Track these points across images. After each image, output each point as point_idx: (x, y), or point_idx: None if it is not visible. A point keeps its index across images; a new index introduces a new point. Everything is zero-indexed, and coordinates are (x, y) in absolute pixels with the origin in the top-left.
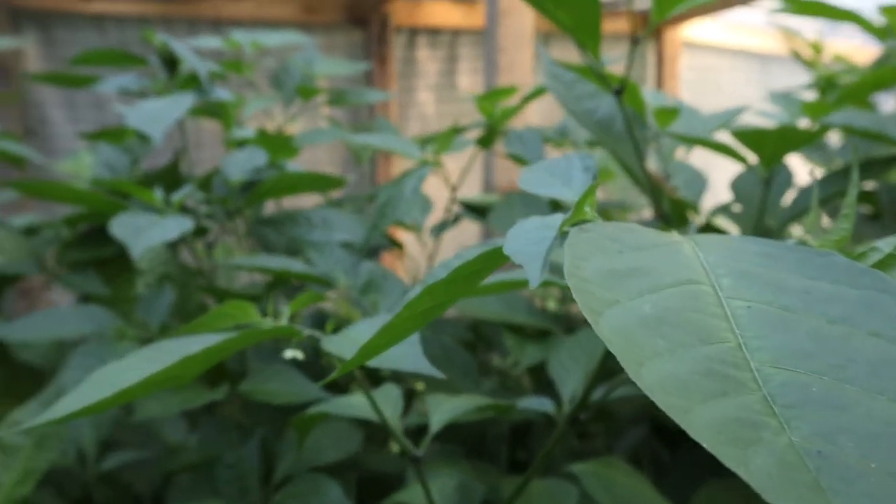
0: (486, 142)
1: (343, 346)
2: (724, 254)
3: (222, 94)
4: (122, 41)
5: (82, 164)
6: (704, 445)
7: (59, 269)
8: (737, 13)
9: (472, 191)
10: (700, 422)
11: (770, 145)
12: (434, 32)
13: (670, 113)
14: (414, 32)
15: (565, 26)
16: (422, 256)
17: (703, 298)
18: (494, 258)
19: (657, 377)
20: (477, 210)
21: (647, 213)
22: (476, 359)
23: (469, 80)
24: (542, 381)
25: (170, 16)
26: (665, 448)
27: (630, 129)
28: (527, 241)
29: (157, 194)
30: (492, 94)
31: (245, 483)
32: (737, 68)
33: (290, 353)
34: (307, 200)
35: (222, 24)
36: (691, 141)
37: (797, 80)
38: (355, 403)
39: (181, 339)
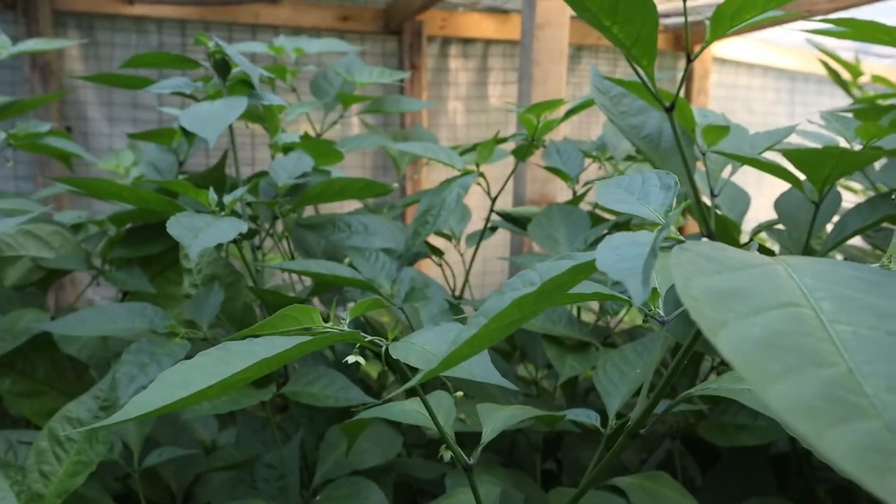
0: (522, 153)
1: (409, 353)
2: (819, 277)
3: (273, 98)
4: (161, 44)
5: (122, 162)
6: (846, 470)
7: (104, 266)
8: (767, 31)
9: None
10: (836, 447)
11: (826, 167)
12: (466, 43)
13: (720, 131)
14: (446, 42)
15: (620, 43)
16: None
17: (807, 322)
18: (582, 272)
19: (784, 401)
20: (514, 221)
21: (687, 229)
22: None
23: (499, 91)
24: (576, 392)
25: (208, 20)
26: (696, 464)
27: (680, 146)
28: (618, 256)
29: (211, 196)
30: (536, 107)
31: (285, 483)
32: (767, 87)
33: (352, 358)
34: (341, 206)
35: (259, 29)
36: (741, 160)
37: (826, 100)
38: (408, 410)
39: (248, 340)
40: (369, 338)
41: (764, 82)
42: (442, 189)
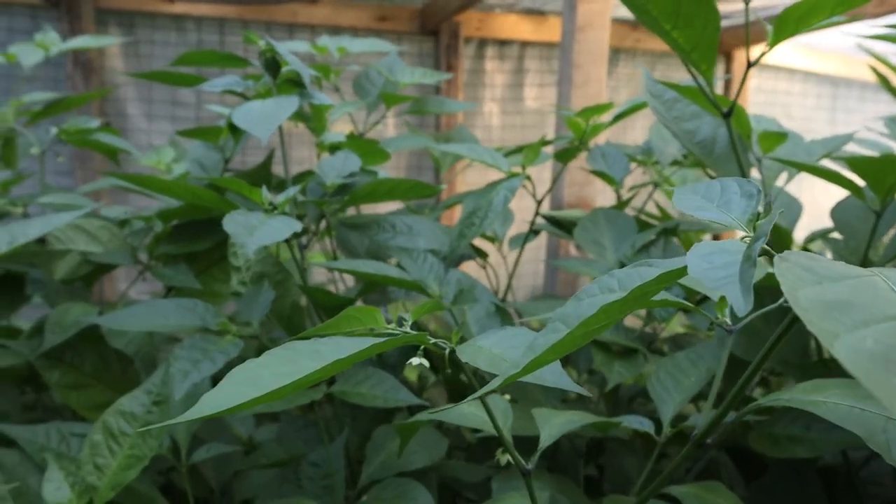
0: (566, 156)
1: (478, 357)
2: None
3: (322, 98)
4: (200, 41)
5: (163, 159)
6: None
7: (151, 262)
8: (808, 35)
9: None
10: None
11: (891, 176)
12: (503, 44)
13: (776, 137)
14: (483, 43)
15: (679, 47)
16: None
17: None
18: (670, 279)
19: None
20: (559, 224)
21: (736, 234)
22: None
23: (535, 93)
24: (618, 399)
25: (246, 18)
26: (741, 475)
27: (737, 152)
28: (709, 265)
29: (265, 194)
30: (586, 111)
31: (330, 482)
32: (807, 92)
33: (416, 361)
34: (379, 206)
35: (296, 28)
36: (800, 167)
37: (870, 106)
38: (467, 413)
39: (313, 340)
40: (434, 340)
41: (804, 88)
42: (488, 191)
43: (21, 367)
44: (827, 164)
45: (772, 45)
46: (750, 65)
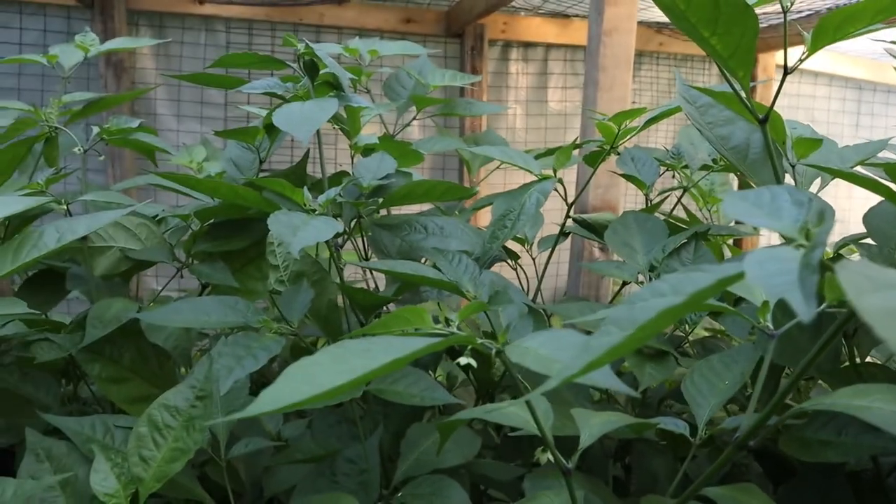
0: (595, 159)
1: (526, 357)
2: None
3: (359, 100)
4: (228, 43)
5: (195, 158)
6: None
7: (188, 259)
8: None
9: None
10: None
11: None
12: (527, 46)
13: (811, 143)
14: (507, 46)
15: (717, 54)
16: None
17: None
18: (727, 283)
19: None
20: (589, 227)
21: (756, 241)
22: None
23: (559, 96)
24: (646, 401)
25: (274, 20)
26: (768, 479)
27: (772, 158)
28: (765, 272)
29: (306, 195)
30: (620, 115)
31: (365, 478)
32: (832, 96)
33: (464, 360)
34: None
35: (323, 30)
36: (836, 173)
37: (893, 111)
38: (509, 413)
39: (365, 339)
40: (481, 340)
41: (829, 91)
42: (520, 193)
43: (60, 360)
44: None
45: (810, 52)
46: (787, 71)
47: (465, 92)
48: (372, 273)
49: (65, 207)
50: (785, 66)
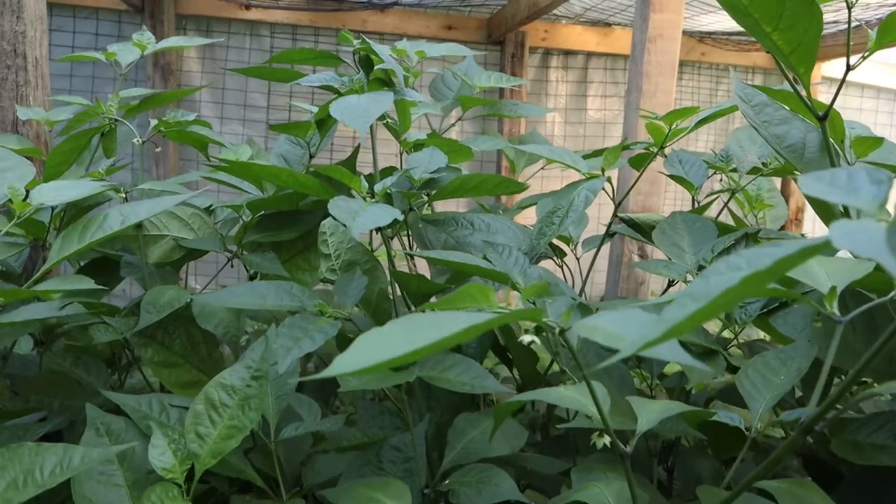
0: (641, 161)
1: (594, 333)
2: None
3: (413, 94)
4: (273, 47)
5: (241, 156)
6: None
7: (239, 250)
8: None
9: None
10: None
11: None
12: (567, 54)
13: (871, 142)
14: (548, 54)
15: (778, 50)
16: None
17: None
18: (813, 252)
19: None
20: (637, 227)
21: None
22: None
23: (599, 104)
24: (688, 401)
25: (318, 25)
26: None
27: (831, 157)
28: (854, 239)
29: (363, 184)
30: (671, 114)
31: (411, 465)
32: (879, 109)
33: (527, 339)
34: (450, 205)
35: (366, 36)
36: None
37: None
38: (566, 395)
39: (433, 313)
40: (547, 319)
41: (876, 104)
42: (568, 191)
43: (107, 348)
44: None
45: (872, 49)
46: (850, 68)
47: (505, 98)
48: (416, 268)
49: (123, 196)
50: (847, 63)
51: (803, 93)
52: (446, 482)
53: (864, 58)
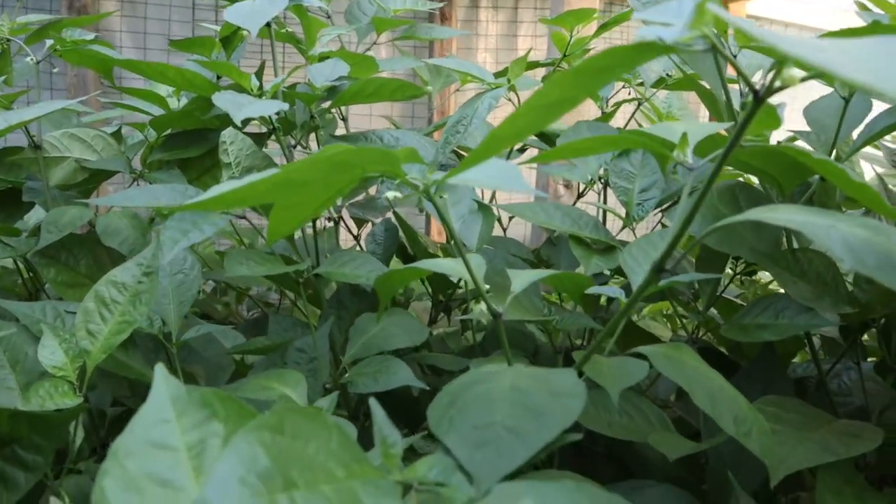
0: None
1: (466, 180)
2: None
3: (313, 1)
4: None
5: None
6: None
7: (144, 170)
8: None
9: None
10: None
11: None
12: None
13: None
14: None
15: None
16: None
17: None
18: (642, 53)
19: None
20: (546, 139)
21: None
22: None
23: (529, 44)
24: (597, 311)
25: None
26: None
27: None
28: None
29: (253, 81)
30: (566, 16)
31: (315, 365)
32: None
33: (390, 195)
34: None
35: None
36: (777, 56)
37: None
38: (443, 264)
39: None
40: (409, 176)
41: None
42: (473, 102)
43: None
44: None
45: None
46: None
47: (434, 43)
48: None
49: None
50: None
51: None
52: (347, 375)
53: None
